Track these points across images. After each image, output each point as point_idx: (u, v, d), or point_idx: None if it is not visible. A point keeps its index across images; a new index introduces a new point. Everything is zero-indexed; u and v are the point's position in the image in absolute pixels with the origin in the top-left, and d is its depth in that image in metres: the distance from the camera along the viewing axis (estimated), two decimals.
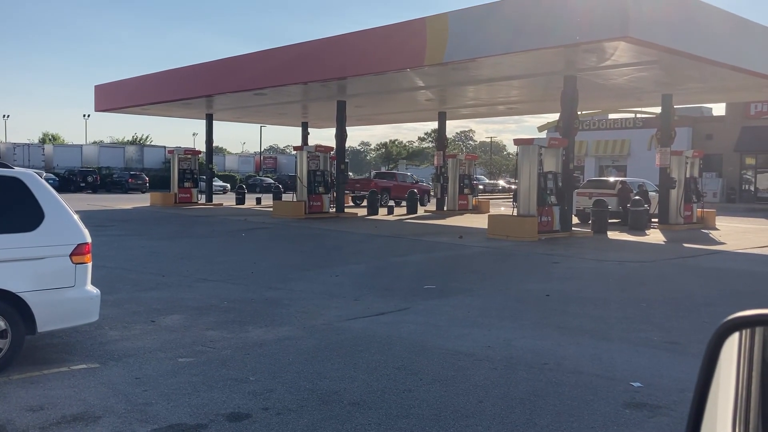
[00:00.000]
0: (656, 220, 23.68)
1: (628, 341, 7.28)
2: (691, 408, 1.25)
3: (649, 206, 23.31)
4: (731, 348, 1.24)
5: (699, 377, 1.25)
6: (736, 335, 1.24)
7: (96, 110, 35.20)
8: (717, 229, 22.96)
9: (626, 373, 6.06)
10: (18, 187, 5.90)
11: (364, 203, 31.36)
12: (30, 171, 6.29)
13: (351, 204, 34.76)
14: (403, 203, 32.10)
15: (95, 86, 34.80)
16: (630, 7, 14.70)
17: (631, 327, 7.98)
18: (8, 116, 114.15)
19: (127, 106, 33.53)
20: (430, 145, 78.70)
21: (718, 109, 47.28)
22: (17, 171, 6.07)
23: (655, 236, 20.28)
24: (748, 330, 1.25)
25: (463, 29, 17.79)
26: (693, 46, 16.55)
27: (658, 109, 25.22)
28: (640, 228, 21.67)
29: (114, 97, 33.74)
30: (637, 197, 22.84)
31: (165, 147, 60.11)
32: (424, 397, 5.31)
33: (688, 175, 23.95)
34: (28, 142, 61.77)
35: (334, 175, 26.88)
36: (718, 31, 17.56)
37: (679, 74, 19.91)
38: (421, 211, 29.95)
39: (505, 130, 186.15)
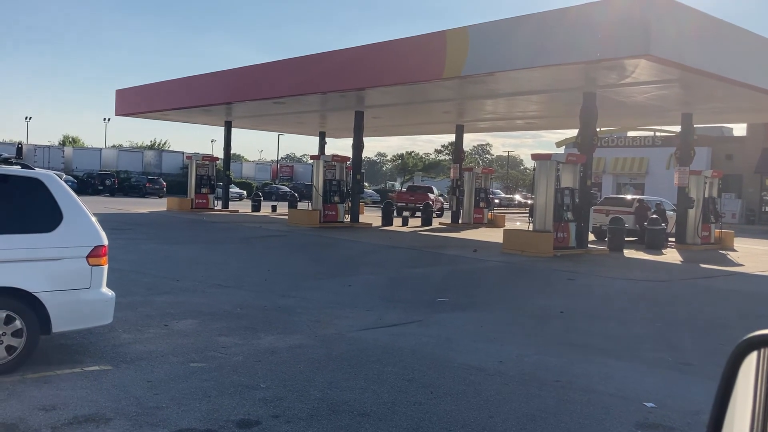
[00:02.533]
0: (673, 239, 23.48)
1: (642, 361, 7.21)
2: (708, 427, 1.23)
3: (666, 225, 23.12)
4: (749, 367, 1.22)
5: (716, 396, 1.23)
6: (754, 354, 1.22)
7: (117, 114, 35.59)
8: (735, 251, 22.72)
9: (639, 393, 5.99)
10: (38, 188, 5.97)
11: (417, 214, 32.77)
12: (50, 172, 6.36)
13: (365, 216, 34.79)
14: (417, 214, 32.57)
15: (116, 90, 35.20)
16: (652, 25, 14.65)
17: (644, 346, 7.91)
18: (30, 118, 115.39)
19: (148, 111, 33.85)
20: (447, 158, 78.63)
21: (739, 129, 46.93)
22: (38, 172, 6.15)
23: (671, 256, 20.10)
24: (767, 349, 1.23)
25: (483, 43, 17.81)
26: (715, 65, 16.45)
27: (677, 128, 25.08)
28: (656, 247, 21.49)
29: (135, 102, 34.10)
30: (654, 216, 22.67)
31: (183, 153, 60.61)
32: (435, 410, 5.28)
33: (706, 195, 23.75)
34: (48, 144, 62.58)
35: (349, 184, 26.94)
36: (741, 51, 17.46)
37: (700, 93, 19.80)
38: (435, 223, 29.91)
39: (522, 145, 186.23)
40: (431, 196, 37.20)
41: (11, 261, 5.70)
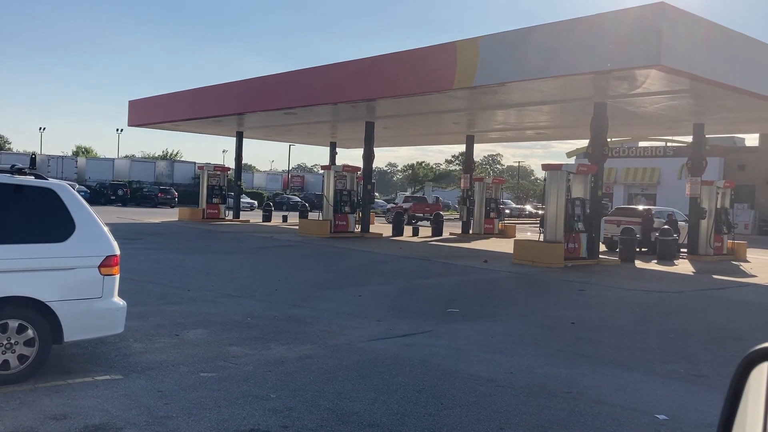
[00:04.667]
0: (685, 250, 23.33)
1: (654, 372, 7.16)
2: None
3: (678, 236, 22.98)
4: (759, 378, 1.22)
5: (724, 407, 1.23)
6: (765, 365, 1.22)
7: (129, 125, 35.87)
8: (748, 262, 22.55)
9: (651, 404, 5.95)
10: (51, 198, 6.02)
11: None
12: (63, 183, 6.42)
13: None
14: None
15: (129, 101, 35.51)
16: (663, 35, 14.62)
17: (656, 358, 7.85)
18: (44, 129, 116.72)
19: (160, 122, 34.10)
20: (457, 168, 78.63)
21: (751, 139, 46.68)
22: (51, 182, 6.20)
23: (683, 267, 19.97)
24: None
25: (494, 54, 17.84)
26: (726, 75, 16.39)
27: (689, 138, 24.96)
28: (668, 258, 21.36)
29: (147, 113, 34.36)
30: (666, 227, 22.54)
31: (195, 163, 60.90)
32: (445, 421, 5.26)
33: (718, 206, 23.60)
34: (62, 154, 63.08)
35: (360, 195, 26.98)
36: (753, 61, 17.39)
37: (711, 103, 19.72)
38: (446, 233, 29.87)
39: (533, 155, 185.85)
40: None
41: (24, 270, 5.75)
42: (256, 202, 54.09)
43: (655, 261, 20.81)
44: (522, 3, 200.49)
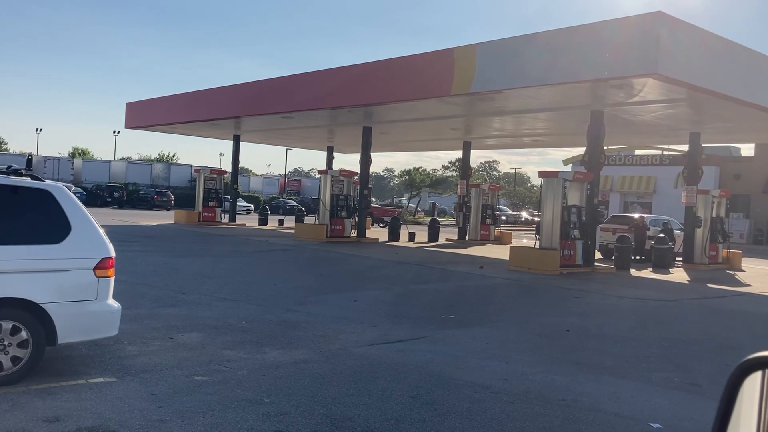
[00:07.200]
0: (680, 258, 23.38)
1: (648, 381, 7.16)
2: None
3: (673, 244, 23.03)
4: (752, 387, 1.22)
5: (717, 414, 1.23)
6: (758, 374, 1.22)
7: (126, 127, 35.81)
8: (743, 271, 22.60)
9: (645, 413, 5.95)
10: (47, 199, 6.01)
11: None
12: (59, 184, 6.40)
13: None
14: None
15: (127, 103, 35.46)
16: (660, 44, 14.68)
17: (651, 366, 7.86)
18: (41, 130, 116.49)
19: (157, 124, 34.05)
20: (454, 174, 78.62)
21: (747, 149, 46.85)
22: (47, 184, 6.19)
23: (678, 275, 20.00)
24: None
25: (491, 61, 17.89)
26: (723, 85, 16.46)
27: (685, 147, 25.04)
28: (663, 266, 21.40)
29: (145, 115, 34.32)
30: (661, 235, 22.59)
31: (192, 166, 60.75)
32: (439, 428, 5.25)
33: (714, 215, 23.66)
34: (58, 155, 62.93)
35: (357, 199, 26.97)
36: (749, 71, 17.47)
37: (707, 113, 19.79)
38: (442, 239, 29.88)
39: (529, 162, 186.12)
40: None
41: (18, 272, 5.73)
42: (252, 206, 54.04)
43: (651, 269, 20.85)
44: (520, 11, 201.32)
